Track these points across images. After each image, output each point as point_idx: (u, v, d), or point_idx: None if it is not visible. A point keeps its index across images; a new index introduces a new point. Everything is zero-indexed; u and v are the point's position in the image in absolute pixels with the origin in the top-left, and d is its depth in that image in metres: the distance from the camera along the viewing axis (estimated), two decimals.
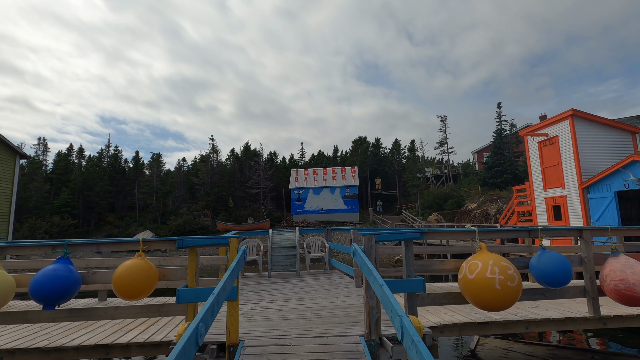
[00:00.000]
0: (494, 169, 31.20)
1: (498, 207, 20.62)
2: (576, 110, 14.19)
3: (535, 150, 16.41)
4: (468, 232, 4.29)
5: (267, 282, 7.74)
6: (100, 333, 4.27)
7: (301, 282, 7.44)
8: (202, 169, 37.71)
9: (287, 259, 8.46)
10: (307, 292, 6.31)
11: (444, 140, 43.01)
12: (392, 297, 2.31)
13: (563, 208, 14.84)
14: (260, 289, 6.88)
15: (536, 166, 16.36)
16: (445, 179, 43.00)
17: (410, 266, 4.09)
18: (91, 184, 31.77)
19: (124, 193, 36.25)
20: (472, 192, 27.45)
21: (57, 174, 33.07)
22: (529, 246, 7.00)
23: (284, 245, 8.62)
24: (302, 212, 35.69)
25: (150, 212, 34.05)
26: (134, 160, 40.15)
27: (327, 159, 51.04)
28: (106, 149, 38.01)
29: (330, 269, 9.03)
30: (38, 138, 36.21)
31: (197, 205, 34.82)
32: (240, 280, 8.14)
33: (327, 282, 7.28)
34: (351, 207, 35.56)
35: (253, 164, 39.72)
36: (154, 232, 30.17)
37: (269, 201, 38.64)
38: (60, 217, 26.92)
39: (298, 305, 5.32)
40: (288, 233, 9.08)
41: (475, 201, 23.24)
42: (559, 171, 15.03)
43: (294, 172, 38.12)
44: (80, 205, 30.42)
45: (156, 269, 4.02)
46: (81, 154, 37.31)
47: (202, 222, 31.75)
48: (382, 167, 45.49)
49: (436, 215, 27.53)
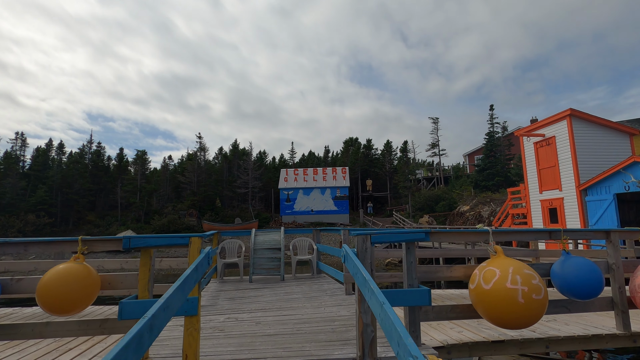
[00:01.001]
0: (485, 172, 30.91)
1: (491, 209, 20.17)
2: (574, 110, 13.78)
3: (531, 151, 15.97)
4: (480, 233, 3.61)
5: (247, 287, 6.96)
6: (29, 355, 3.45)
7: (285, 288, 6.68)
8: (188, 168, 36.58)
9: (271, 262, 7.69)
10: (290, 300, 5.56)
11: (436, 142, 42.73)
12: (399, 323, 1.59)
13: (559, 210, 14.39)
14: (239, 296, 6.11)
15: (532, 167, 15.92)
16: (436, 181, 42.69)
17: (412, 273, 3.38)
18: (70, 181, 30.38)
19: (106, 191, 34.89)
20: (464, 195, 27.05)
21: (34, 170, 31.57)
22: (535, 250, 6.38)
23: (268, 247, 7.84)
24: (292, 213, 34.88)
25: (133, 211, 32.79)
26: (118, 157, 38.77)
27: (318, 160, 50.34)
28: (88, 145, 36.59)
29: (318, 273, 8.29)
30: (15, 132, 34.64)
31: (183, 204, 33.71)
32: (217, 285, 7.35)
33: (314, 289, 6.54)
34: (341, 208, 34.89)
35: (242, 163, 38.74)
36: (136, 231, 28.98)
37: (258, 201, 37.72)
38: (35, 216, 25.57)
39: (279, 317, 4.57)
40: (272, 233, 8.32)
41: (467, 203, 22.80)
42: (556, 173, 14.60)
43: (284, 172, 37.30)
44: (58, 203, 29.03)
45: (97, 275, 3.23)
46: (61, 149, 35.77)
47: (188, 222, 30.68)
48: (373, 169, 44.99)
49: (428, 218, 27.04)
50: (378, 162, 46.59)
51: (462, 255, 6.14)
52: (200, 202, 34.62)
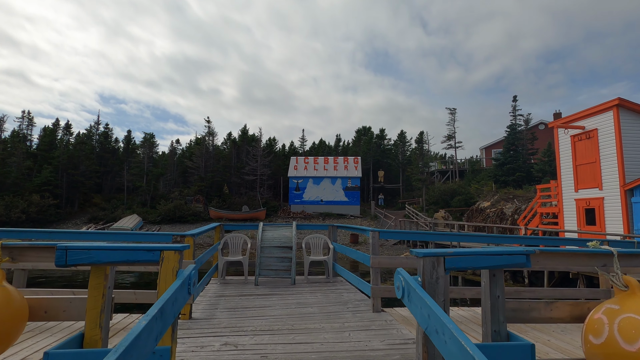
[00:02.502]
0: (505, 166, 29.33)
1: (515, 207, 18.80)
2: (623, 99, 12.26)
3: (567, 144, 14.52)
4: (599, 255, 2.43)
5: (252, 292, 5.92)
6: None
7: (297, 296, 5.62)
8: (196, 152, 35.69)
9: (280, 263, 6.62)
10: (304, 317, 4.48)
11: (452, 134, 41.04)
12: None
13: (598, 211, 13.02)
14: (242, 305, 5.06)
15: (567, 163, 14.49)
16: (451, 175, 41.15)
17: (499, 314, 2.23)
18: (76, 162, 29.74)
19: (113, 174, 34.29)
20: (484, 190, 25.65)
21: (41, 150, 31.01)
22: None
23: (277, 245, 6.77)
24: (301, 203, 33.88)
25: (139, 195, 32.14)
26: (126, 139, 38.08)
27: (329, 149, 49.07)
28: (95, 125, 35.90)
29: (334, 276, 7.21)
30: (22, 111, 34.11)
31: (190, 190, 32.94)
32: (218, 287, 6.32)
33: (332, 299, 5.45)
34: (352, 199, 33.75)
35: (251, 150, 37.71)
36: (142, 216, 28.36)
37: (266, 189, 36.78)
38: (40, 196, 25.01)
39: (291, 346, 3.49)
40: (282, 229, 7.23)
41: (488, 199, 21.43)
42: (596, 169, 13.17)
43: (294, 160, 36.19)
44: (63, 185, 28.46)
45: (23, 301, 2.15)
46: (68, 129, 35.16)
47: (194, 208, 29.93)
48: (385, 159, 43.58)
49: (444, 213, 25.77)
50: (390, 153, 45.14)
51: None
52: (208, 188, 33.82)
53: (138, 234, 4.79)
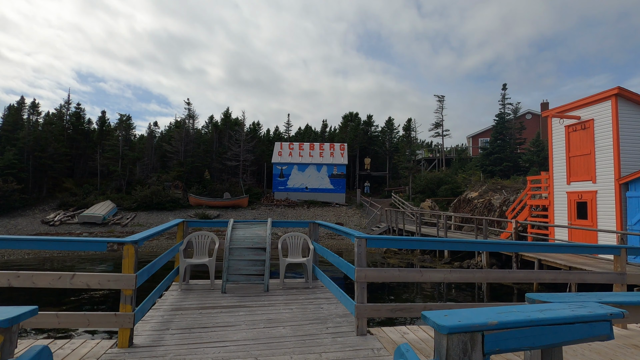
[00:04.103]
0: (493, 156, 29.00)
1: (503, 198, 18.38)
2: (623, 89, 11.67)
3: (561, 135, 13.97)
4: None
5: (216, 303, 5.03)
6: None
7: (268, 309, 4.77)
8: (175, 136, 34.01)
9: (252, 266, 5.74)
10: (273, 342, 3.63)
11: (440, 122, 40.52)
12: None
13: (590, 205, 12.59)
14: (199, 324, 4.17)
15: (560, 154, 13.97)
16: (437, 163, 40.84)
17: None
18: (44, 144, 27.75)
19: (85, 157, 32.37)
20: (472, 180, 25.25)
21: (5, 131, 28.80)
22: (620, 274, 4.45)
23: (249, 246, 5.87)
24: (285, 190, 32.93)
25: (114, 180, 30.46)
26: (100, 120, 35.92)
27: (315, 134, 47.93)
28: (66, 105, 33.58)
29: (314, 280, 6.40)
30: None
31: (169, 175, 31.46)
32: (177, 297, 5.40)
33: (309, 314, 4.62)
34: (338, 187, 33.00)
35: (233, 134, 36.24)
36: (117, 202, 26.89)
37: (249, 176, 35.59)
38: (2, 181, 23.19)
39: None
40: (255, 227, 6.32)
41: (476, 190, 20.99)
42: (590, 161, 12.67)
43: (278, 146, 35.01)
44: (29, 168, 26.53)
45: None
46: (35, 109, 32.74)
47: (173, 195, 28.59)
48: (372, 146, 42.82)
49: (430, 202, 25.32)
50: (378, 140, 44.39)
51: (553, 280, 4.19)
52: (188, 173, 32.39)
53: (70, 242, 3.81)
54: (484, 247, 4.39)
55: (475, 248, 4.26)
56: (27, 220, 22.69)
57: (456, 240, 4.35)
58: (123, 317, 3.54)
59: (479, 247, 4.41)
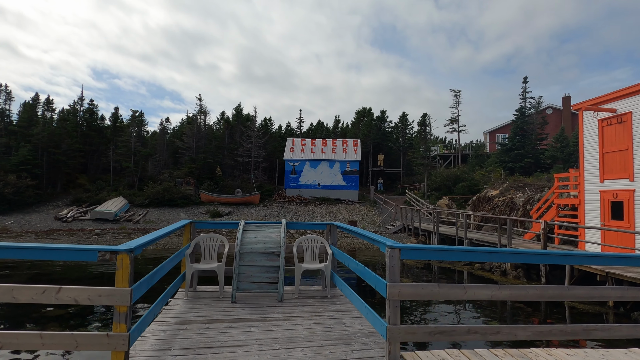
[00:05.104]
0: (513, 152, 27.85)
1: (527, 196, 17.46)
2: None
3: (593, 129, 13.02)
4: None
5: (225, 315, 4.51)
6: None
7: (283, 324, 4.22)
8: (187, 132, 33.81)
9: (265, 273, 5.20)
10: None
11: (456, 117, 39.35)
12: None
13: (627, 205, 11.66)
14: (204, 343, 3.65)
15: (592, 150, 13.03)
16: (453, 160, 39.73)
17: None
18: (58, 140, 27.85)
19: (99, 153, 32.47)
20: (491, 177, 24.25)
21: (20, 127, 29.04)
22: None
23: (261, 251, 5.32)
24: (297, 186, 32.44)
25: (126, 176, 30.46)
26: (113, 117, 36.01)
27: (327, 130, 47.27)
28: (79, 102, 33.71)
29: (332, 288, 5.83)
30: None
31: (180, 171, 31.31)
32: (182, 306, 4.90)
33: (330, 331, 4.06)
34: (351, 184, 32.33)
35: (245, 130, 35.86)
36: (129, 199, 26.84)
37: (261, 172, 35.22)
38: (16, 176, 23.31)
39: None
40: (269, 229, 5.77)
41: (496, 187, 20.06)
42: (628, 158, 11.73)
43: (290, 142, 34.50)
44: (44, 164, 26.67)
45: None
46: (49, 105, 32.98)
47: (184, 191, 28.41)
48: (385, 142, 41.92)
49: (447, 200, 24.46)
50: (391, 135, 43.47)
51: (620, 298, 3.49)
52: (199, 169, 32.19)
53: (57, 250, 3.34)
54: (549, 259, 3.72)
55: (536, 260, 3.54)
56: (41, 216, 22.77)
57: (517, 251, 3.70)
58: (116, 338, 3.04)
59: (542, 260, 3.71)
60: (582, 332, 3.66)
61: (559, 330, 3.57)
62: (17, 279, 10.79)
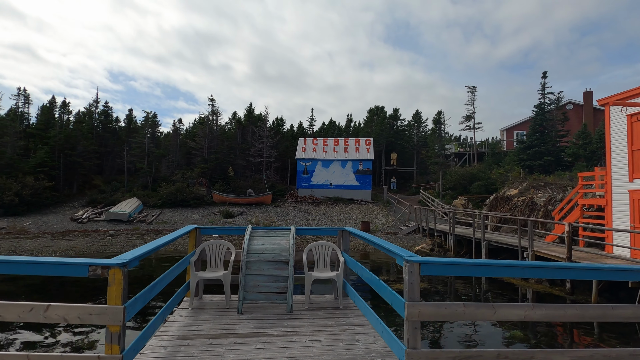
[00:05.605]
0: (532, 150, 26.89)
1: (548, 196, 16.72)
2: None
3: (621, 125, 12.29)
4: None
5: (230, 329, 4.24)
6: None
7: (292, 339, 3.92)
8: (199, 133, 33.96)
9: (273, 282, 4.91)
10: None
11: (471, 115, 38.38)
12: None
13: None
14: (211, 356, 3.37)
15: (620, 147, 12.31)
16: (468, 158, 38.81)
17: None
18: (74, 142, 28.33)
19: (114, 155, 32.93)
20: (509, 176, 23.44)
21: (38, 130, 29.68)
22: None
23: (269, 259, 5.04)
24: (309, 186, 32.19)
25: (140, 177, 30.79)
26: (127, 118, 36.51)
27: (339, 129, 46.86)
28: (94, 104, 34.28)
29: (344, 298, 5.49)
30: (17, 88, 32.61)
31: (193, 172, 31.46)
32: (187, 317, 4.65)
33: (343, 349, 3.74)
34: (363, 183, 31.88)
35: (257, 130, 35.80)
36: (143, 200, 27.08)
37: (273, 172, 35.10)
38: (34, 178, 23.78)
39: None
40: (276, 235, 5.48)
41: (515, 187, 19.33)
42: None
43: (302, 141, 34.26)
44: (60, 166, 27.17)
45: None
46: (65, 107, 33.66)
47: (197, 192, 28.51)
48: (398, 141, 41.24)
49: (463, 200, 23.78)
50: (405, 134, 42.77)
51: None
52: (211, 170, 32.28)
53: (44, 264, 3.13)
54: (607, 274, 3.31)
55: (590, 276, 3.11)
56: (58, 217, 23.15)
57: (560, 266, 3.29)
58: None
59: (597, 276, 3.29)
60: (628, 358, 3.24)
61: (602, 356, 3.16)
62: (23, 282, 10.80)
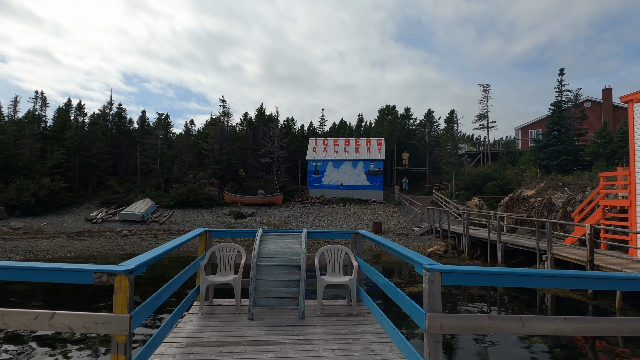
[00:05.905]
0: (548, 149, 26.17)
1: (567, 197, 16.19)
2: None
3: None
4: None
5: (242, 334, 4.11)
6: None
7: (304, 348, 3.77)
8: (211, 133, 34.18)
9: (285, 288, 4.77)
10: None
11: (485, 113, 37.67)
12: None
13: None
14: None
15: None
16: (482, 158, 38.09)
17: None
18: (89, 143, 28.86)
19: (127, 156, 33.42)
20: (526, 176, 22.85)
21: (54, 132, 30.34)
22: None
23: (280, 263, 4.90)
24: (320, 187, 32.04)
25: (153, 177, 31.15)
26: (140, 120, 37.02)
27: (350, 129, 46.58)
28: (108, 106, 34.88)
29: (358, 304, 5.31)
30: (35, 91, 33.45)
31: (204, 173, 31.67)
32: (196, 322, 4.55)
33: (356, 358, 3.56)
34: (375, 184, 31.57)
35: (267, 130, 35.86)
36: (155, 200, 27.36)
37: (284, 172, 35.08)
38: (50, 179, 24.28)
39: None
40: (288, 238, 5.34)
41: (532, 187, 18.80)
42: None
43: (312, 142, 34.14)
44: (75, 167, 27.70)
45: None
46: (81, 110, 34.36)
47: (209, 192, 28.66)
48: (410, 141, 40.75)
49: (477, 200, 23.29)
50: (416, 133, 42.24)
51: None
52: (223, 171, 32.44)
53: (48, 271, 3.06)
54: None
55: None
56: (73, 218, 23.55)
57: (602, 276, 3.03)
58: None
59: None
60: None
61: None
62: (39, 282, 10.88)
